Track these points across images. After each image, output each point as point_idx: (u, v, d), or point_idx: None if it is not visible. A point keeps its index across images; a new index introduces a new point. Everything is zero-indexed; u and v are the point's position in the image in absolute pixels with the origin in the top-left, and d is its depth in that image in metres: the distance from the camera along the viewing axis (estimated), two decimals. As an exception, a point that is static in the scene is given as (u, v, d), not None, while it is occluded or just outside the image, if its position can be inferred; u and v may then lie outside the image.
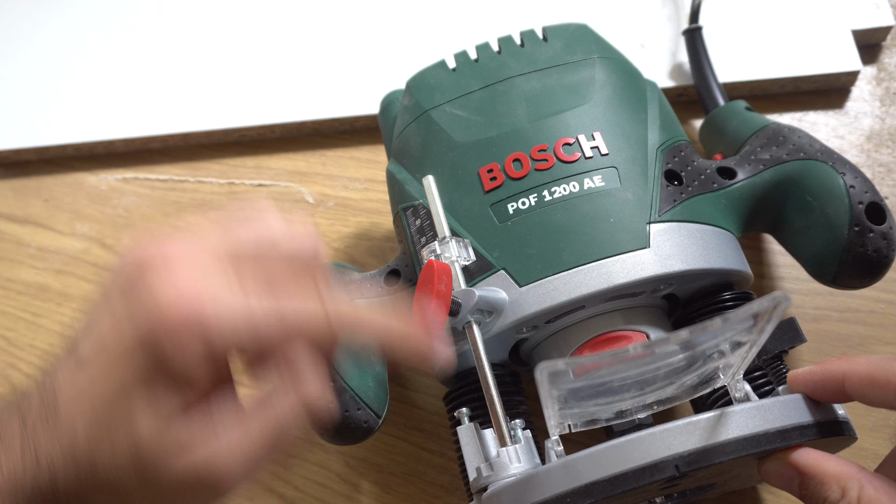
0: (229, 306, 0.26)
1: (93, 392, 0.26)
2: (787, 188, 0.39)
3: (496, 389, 0.34)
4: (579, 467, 0.29)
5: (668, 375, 0.30)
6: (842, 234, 0.37)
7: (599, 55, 0.41)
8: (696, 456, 0.29)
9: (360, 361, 0.38)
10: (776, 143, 0.40)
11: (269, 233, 0.29)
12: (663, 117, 0.40)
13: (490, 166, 0.38)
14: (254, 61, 0.60)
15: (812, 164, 0.39)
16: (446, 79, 0.41)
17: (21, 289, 0.56)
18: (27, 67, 0.64)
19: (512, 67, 0.40)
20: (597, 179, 0.36)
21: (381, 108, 0.47)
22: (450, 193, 0.38)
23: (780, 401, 0.31)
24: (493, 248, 0.36)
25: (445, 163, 0.39)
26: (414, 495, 0.44)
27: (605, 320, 0.36)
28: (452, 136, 0.39)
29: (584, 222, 0.35)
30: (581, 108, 0.38)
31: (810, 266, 0.39)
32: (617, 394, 0.31)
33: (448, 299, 0.33)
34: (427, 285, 0.33)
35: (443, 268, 0.34)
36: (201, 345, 0.25)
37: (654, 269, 0.34)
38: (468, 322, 0.34)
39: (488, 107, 0.39)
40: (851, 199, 0.37)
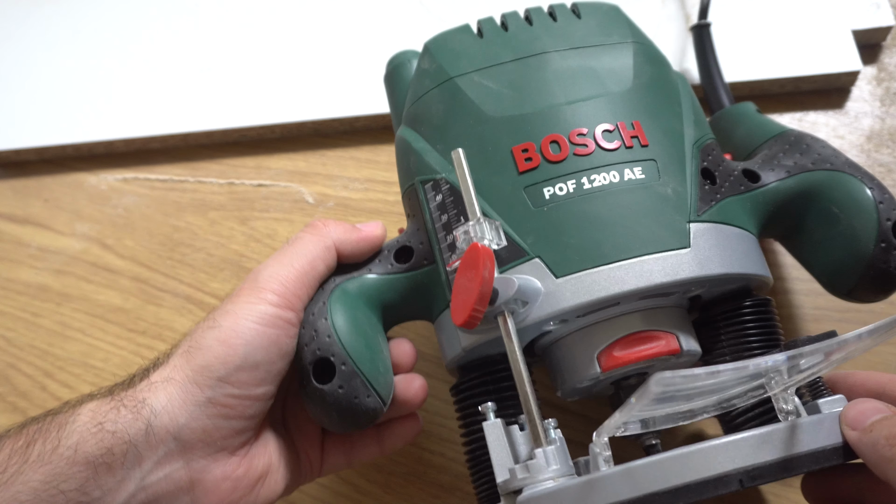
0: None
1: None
2: (811, 197, 0.38)
3: (531, 386, 0.32)
4: (641, 476, 0.28)
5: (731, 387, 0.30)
6: (867, 248, 0.36)
7: (634, 40, 0.39)
8: (762, 471, 0.28)
9: (370, 343, 0.36)
10: (799, 151, 0.39)
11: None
12: (695, 112, 0.39)
13: (525, 145, 0.35)
14: (254, 61, 0.60)
15: (840, 175, 0.38)
16: (472, 45, 0.39)
17: (21, 289, 0.56)
18: (27, 67, 0.64)
19: (546, 42, 0.38)
20: (637, 171, 0.35)
21: (390, 70, 0.44)
22: (477, 171, 0.35)
23: (832, 415, 0.30)
24: (526, 233, 0.34)
25: (473, 136, 0.36)
26: (414, 495, 0.44)
27: (634, 319, 0.35)
28: (482, 109, 0.37)
29: (625, 215, 0.34)
30: (621, 94, 0.37)
31: (826, 277, 0.38)
32: (681, 402, 0.30)
33: (490, 286, 0.31)
34: (472, 270, 0.32)
35: (487, 253, 0.32)
36: None
37: (694, 271, 0.33)
38: (501, 311, 0.33)
39: (522, 81, 0.37)
40: (880, 215, 0.36)
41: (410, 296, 0.38)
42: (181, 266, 0.55)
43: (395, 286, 0.38)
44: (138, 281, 0.55)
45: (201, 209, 0.57)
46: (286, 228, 0.54)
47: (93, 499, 0.30)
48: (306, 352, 0.35)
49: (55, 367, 0.52)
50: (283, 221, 0.55)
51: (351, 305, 0.36)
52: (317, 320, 0.35)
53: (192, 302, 0.53)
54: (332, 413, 0.34)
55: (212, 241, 0.55)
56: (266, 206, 0.56)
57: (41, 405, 0.51)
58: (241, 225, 0.55)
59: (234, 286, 0.53)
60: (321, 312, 0.35)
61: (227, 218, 0.56)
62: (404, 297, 0.38)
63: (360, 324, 0.36)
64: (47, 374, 0.52)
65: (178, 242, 0.56)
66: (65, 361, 0.53)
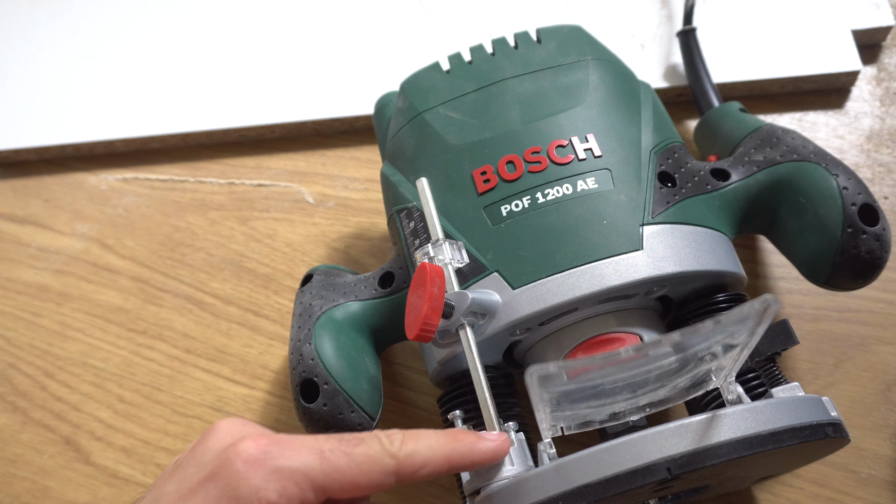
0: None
1: None
2: (780, 190, 0.39)
3: (489, 392, 0.34)
4: (571, 470, 0.30)
5: (661, 378, 0.30)
6: (835, 235, 0.37)
7: (593, 56, 0.41)
8: (688, 459, 0.29)
9: (353, 363, 0.38)
10: (770, 145, 0.40)
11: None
12: (657, 119, 0.40)
13: (483, 168, 0.38)
14: (254, 61, 0.60)
15: (805, 165, 0.38)
16: (440, 81, 0.41)
17: (21, 289, 0.56)
18: (27, 67, 0.64)
19: (505, 69, 0.40)
20: (590, 181, 0.36)
21: (376, 111, 0.47)
22: (443, 195, 0.38)
23: (771, 403, 0.31)
24: (486, 250, 0.36)
25: (439, 165, 0.39)
26: (414, 495, 0.44)
27: (598, 322, 0.36)
28: (446, 139, 0.39)
29: (578, 224, 0.35)
30: (574, 111, 0.38)
31: (804, 268, 0.39)
32: (609, 396, 0.31)
33: (441, 301, 0.33)
34: (420, 288, 0.33)
35: (436, 270, 0.33)
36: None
37: (646, 272, 0.34)
38: (461, 324, 0.34)
39: (482, 108, 0.39)
40: (845, 201, 0.37)
41: (394, 318, 0.40)
42: (181, 266, 0.55)
43: (380, 309, 0.40)
44: (138, 281, 0.55)
45: (201, 209, 0.57)
46: (286, 228, 0.54)
47: None
48: (293, 374, 0.38)
49: (55, 367, 0.53)
50: (283, 221, 0.55)
51: (335, 330, 0.39)
52: (302, 345, 0.38)
53: (192, 302, 0.53)
54: (321, 429, 0.37)
55: (212, 241, 0.55)
56: (266, 205, 0.56)
57: (41, 405, 0.51)
58: (241, 225, 0.55)
59: (234, 286, 0.53)
60: (306, 338, 0.38)
61: (227, 218, 0.56)
62: (388, 319, 0.40)
63: (344, 346, 0.38)
64: (47, 374, 0.52)
65: (178, 242, 0.56)
66: (65, 361, 0.53)
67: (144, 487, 0.46)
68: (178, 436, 0.48)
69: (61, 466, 0.48)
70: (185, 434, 0.48)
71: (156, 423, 0.49)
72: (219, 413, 0.48)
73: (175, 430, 0.48)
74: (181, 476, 0.31)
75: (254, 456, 0.29)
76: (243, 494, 0.29)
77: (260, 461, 0.29)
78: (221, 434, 0.32)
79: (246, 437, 0.30)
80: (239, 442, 0.30)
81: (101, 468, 0.48)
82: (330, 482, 0.30)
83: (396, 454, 0.30)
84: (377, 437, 0.31)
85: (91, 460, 0.48)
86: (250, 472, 0.29)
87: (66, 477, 0.48)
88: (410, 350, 0.48)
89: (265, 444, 0.30)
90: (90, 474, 0.48)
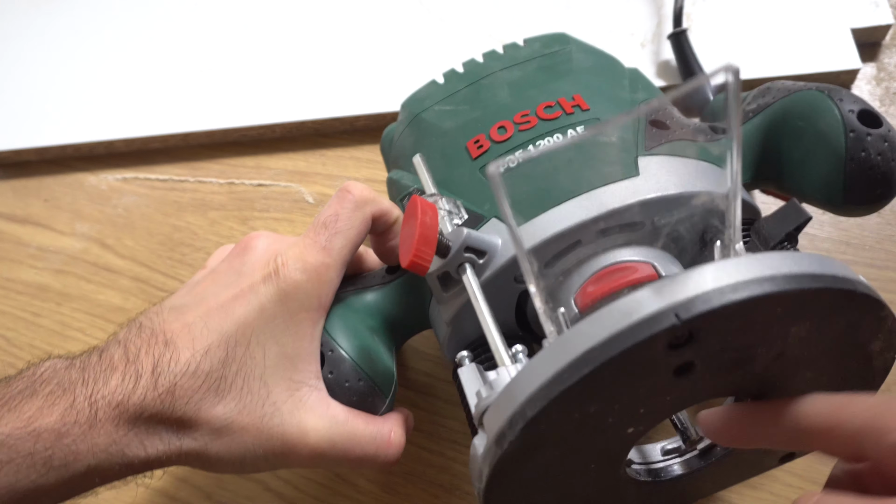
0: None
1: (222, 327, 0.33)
2: (778, 126, 0.38)
3: (493, 321, 0.32)
4: (574, 340, 0.26)
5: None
6: (839, 143, 0.35)
7: (576, 45, 0.42)
8: (695, 301, 0.25)
9: (360, 336, 0.37)
10: (762, 95, 0.39)
11: None
12: (644, 85, 0.40)
13: (476, 138, 0.38)
14: (254, 61, 0.60)
15: (797, 94, 0.37)
16: (435, 90, 0.42)
17: (21, 288, 0.56)
18: (27, 68, 0.64)
19: (494, 66, 0.41)
20: (580, 130, 0.36)
21: (382, 140, 0.47)
22: (441, 172, 0.38)
23: (793, 253, 0.27)
24: (482, 203, 0.36)
25: (436, 148, 0.39)
26: (414, 495, 0.44)
27: (606, 257, 0.34)
28: (441, 126, 0.40)
29: (571, 164, 0.35)
30: (560, 80, 0.39)
31: (819, 193, 0.37)
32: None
33: (434, 231, 0.32)
34: (412, 219, 0.33)
35: (427, 203, 0.33)
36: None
37: (645, 193, 0.33)
38: (461, 263, 0.34)
39: (473, 97, 0.40)
40: (841, 109, 0.35)
41: (404, 299, 0.39)
42: (181, 266, 0.55)
43: (389, 294, 0.40)
44: (138, 281, 0.55)
45: (201, 209, 0.57)
46: (286, 228, 0.54)
47: None
48: None
49: (55, 367, 0.52)
50: (283, 221, 0.55)
51: (343, 308, 0.38)
52: None
53: (192, 302, 0.53)
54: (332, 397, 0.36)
55: (212, 241, 0.55)
56: (266, 205, 0.56)
57: (41, 405, 0.51)
58: (241, 225, 0.55)
59: (234, 286, 0.53)
60: None
61: (227, 218, 0.56)
62: (399, 302, 0.39)
63: (351, 322, 0.38)
64: (47, 374, 0.52)
65: (178, 242, 0.56)
66: (65, 361, 0.53)
67: (145, 487, 0.46)
68: (178, 436, 0.48)
69: (61, 466, 0.49)
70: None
71: (156, 422, 0.49)
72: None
73: (175, 430, 0.48)
74: (224, 281, 0.35)
75: (312, 265, 0.34)
76: (302, 296, 0.34)
77: (317, 270, 0.34)
78: (262, 247, 0.36)
79: (293, 247, 0.35)
80: (289, 251, 0.35)
81: (101, 468, 0.48)
82: None
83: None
84: None
85: (91, 460, 0.48)
86: (308, 279, 0.34)
87: (66, 477, 0.48)
88: (411, 350, 0.48)
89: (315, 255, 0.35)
90: (90, 474, 0.48)
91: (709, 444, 0.35)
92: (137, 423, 0.31)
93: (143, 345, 0.33)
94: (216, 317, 0.33)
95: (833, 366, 0.30)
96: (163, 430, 0.32)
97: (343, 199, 0.37)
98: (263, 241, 0.37)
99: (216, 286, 0.35)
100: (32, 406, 0.30)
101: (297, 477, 0.45)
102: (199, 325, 0.33)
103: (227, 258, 0.37)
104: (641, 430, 0.29)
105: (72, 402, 0.30)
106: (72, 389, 0.31)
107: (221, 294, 0.34)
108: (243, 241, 0.37)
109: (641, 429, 0.29)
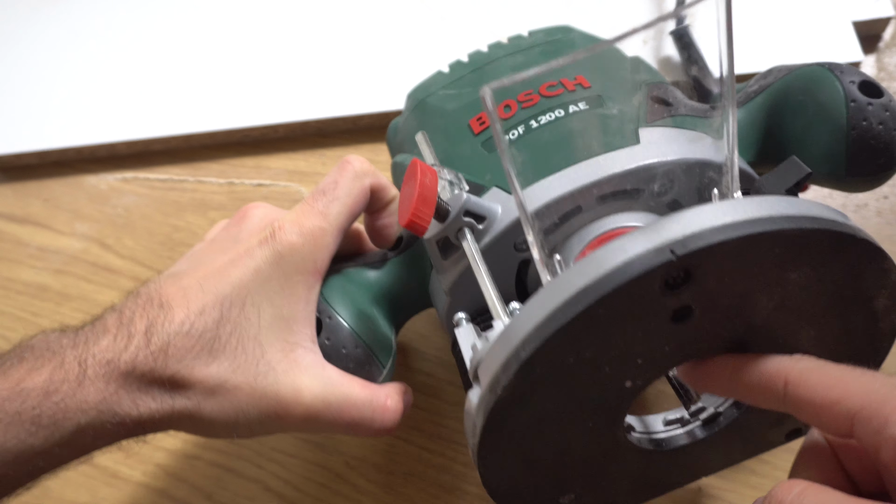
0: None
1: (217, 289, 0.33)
2: (780, 104, 0.38)
3: (489, 277, 0.33)
4: (569, 279, 0.26)
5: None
6: (840, 113, 0.35)
7: (579, 35, 0.42)
8: (691, 238, 0.25)
9: (358, 304, 0.37)
10: (764, 77, 0.40)
11: None
12: (646, 69, 0.40)
13: (479, 116, 0.38)
14: (255, 61, 0.60)
15: (797, 71, 0.38)
16: (440, 78, 0.43)
17: (21, 289, 0.56)
18: (28, 71, 0.64)
19: (498, 54, 0.42)
20: (581, 105, 0.36)
21: (388, 132, 0.48)
22: (444, 150, 0.38)
23: (792, 198, 0.27)
24: (484, 174, 0.36)
25: (439, 128, 0.39)
26: (414, 495, 0.44)
27: (606, 223, 0.34)
28: (444, 108, 0.40)
29: (573, 135, 0.35)
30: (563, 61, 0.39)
31: (823, 167, 0.36)
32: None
33: (433, 193, 0.32)
34: (411, 179, 0.33)
35: (427, 167, 0.33)
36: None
37: (644, 158, 0.33)
38: (460, 228, 0.34)
39: (478, 81, 0.41)
40: (841, 80, 0.36)
41: (405, 275, 0.39)
42: (181, 266, 0.55)
43: (390, 270, 0.40)
44: (138, 281, 0.54)
45: (201, 209, 0.57)
46: (286, 228, 0.54)
47: None
48: None
49: (55, 367, 0.52)
50: (283, 221, 0.55)
51: (343, 279, 0.38)
52: None
53: (191, 302, 0.53)
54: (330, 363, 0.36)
55: (212, 241, 0.55)
56: (266, 205, 0.56)
57: (41, 405, 0.51)
58: (241, 224, 0.55)
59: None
60: None
61: (226, 217, 0.56)
62: (399, 277, 0.39)
63: (350, 291, 0.38)
64: (47, 374, 0.52)
65: (178, 242, 0.55)
66: (65, 361, 0.53)
67: (145, 487, 0.46)
68: (177, 435, 0.48)
69: (61, 467, 0.48)
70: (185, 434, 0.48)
71: (155, 423, 0.49)
72: (218, 413, 0.48)
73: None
74: (220, 248, 0.35)
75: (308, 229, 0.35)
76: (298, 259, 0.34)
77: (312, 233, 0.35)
78: (259, 215, 0.37)
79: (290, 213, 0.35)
80: (286, 216, 0.35)
81: (100, 468, 0.48)
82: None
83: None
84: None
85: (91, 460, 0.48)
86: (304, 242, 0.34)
87: (66, 477, 0.48)
88: (412, 333, 0.48)
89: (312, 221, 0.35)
90: (90, 474, 0.48)
91: (711, 414, 0.35)
92: (129, 379, 0.31)
93: (137, 309, 0.32)
94: (212, 280, 0.33)
95: (837, 324, 0.29)
96: (155, 388, 0.31)
97: (343, 168, 0.37)
98: (261, 210, 0.37)
99: (213, 252, 0.35)
100: (21, 370, 0.30)
101: (298, 477, 0.45)
102: (194, 287, 0.33)
103: (224, 227, 0.37)
104: (640, 385, 0.29)
105: (61, 362, 0.30)
106: (62, 352, 0.30)
107: (218, 259, 0.34)
108: (241, 211, 0.37)
109: (640, 383, 0.28)
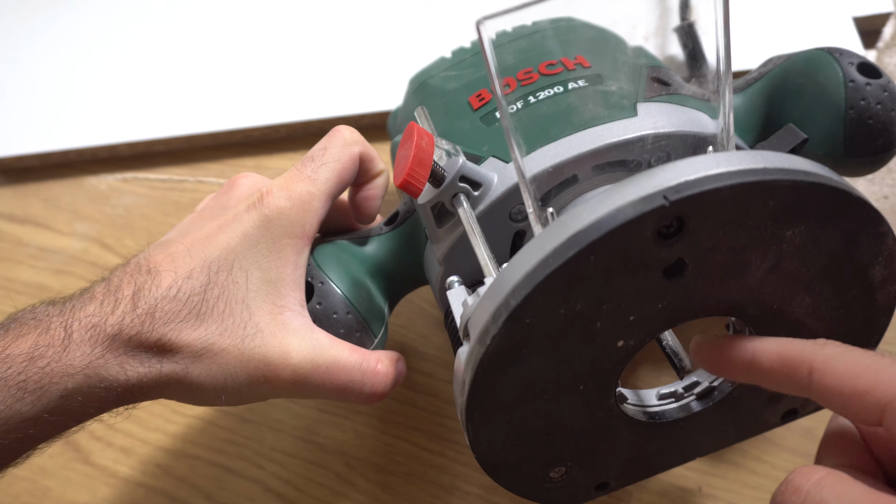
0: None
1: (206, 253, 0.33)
2: (780, 87, 0.38)
3: (480, 230, 0.33)
4: (559, 227, 0.25)
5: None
6: (838, 93, 0.35)
7: (581, 23, 0.42)
8: (684, 185, 0.24)
9: (351, 272, 0.37)
10: (764, 65, 0.40)
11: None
12: (646, 55, 0.40)
13: (479, 92, 0.38)
14: (257, 62, 0.60)
15: (797, 55, 0.38)
16: (442, 62, 0.43)
17: (21, 288, 0.56)
18: (28, 74, 0.64)
19: (501, 39, 0.41)
20: (580, 83, 0.36)
21: (388, 119, 0.48)
22: (444, 126, 0.38)
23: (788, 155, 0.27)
24: (482, 146, 0.36)
25: (439, 106, 0.39)
26: (414, 495, 0.44)
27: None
28: (445, 88, 0.40)
29: (571, 109, 0.35)
30: (564, 45, 0.39)
31: (822, 148, 0.36)
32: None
33: (429, 155, 0.32)
34: (408, 141, 0.33)
35: (424, 131, 0.33)
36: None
37: (642, 129, 0.33)
38: (455, 194, 0.34)
39: (479, 62, 0.41)
40: (840, 62, 0.36)
41: (399, 249, 0.39)
42: (181, 265, 0.54)
43: (385, 243, 0.40)
44: (138, 280, 0.54)
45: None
46: (286, 227, 0.54)
47: None
48: None
49: (55, 368, 0.52)
50: (282, 220, 0.55)
51: (337, 248, 0.38)
52: None
53: (191, 301, 0.53)
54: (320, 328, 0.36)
55: (212, 241, 0.55)
56: (266, 205, 0.56)
57: (41, 405, 0.51)
58: (241, 224, 0.55)
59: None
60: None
61: (226, 217, 0.56)
62: (394, 251, 0.39)
63: (344, 260, 0.38)
64: (47, 375, 0.52)
65: (178, 242, 0.55)
66: (65, 361, 0.52)
67: (145, 487, 0.46)
68: (177, 435, 0.48)
69: (61, 466, 0.48)
70: (185, 434, 0.48)
71: (155, 422, 0.49)
72: (218, 410, 0.48)
73: (174, 430, 0.48)
74: (209, 215, 0.35)
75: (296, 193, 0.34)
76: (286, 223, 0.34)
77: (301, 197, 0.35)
78: (247, 183, 0.37)
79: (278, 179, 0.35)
80: (274, 182, 0.35)
81: (100, 468, 0.48)
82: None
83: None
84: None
85: (91, 460, 0.48)
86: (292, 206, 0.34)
87: (66, 477, 0.48)
88: (413, 333, 0.48)
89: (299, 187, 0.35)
90: (90, 474, 0.48)
91: (706, 388, 0.35)
92: (115, 343, 0.30)
93: (125, 276, 0.32)
94: (200, 245, 0.33)
95: (833, 293, 0.29)
96: (142, 352, 0.31)
97: (333, 135, 0.37)
98: (249, 178, 0.37)
99: (202, 220, 0.35)
100: (6, 339, 0.29)
101: (298, 477, 0.45)
102: (182, 253, 0.33)
103: (213, 196, 0.38)
104: (632, 346, 0.28)
105: (46, 328, 0.30)
106: (47, 319, 0.30)
107: (206, 226, 0.34)
108: (230, 181, 0.38)
109: (632, 343, 0.28)
